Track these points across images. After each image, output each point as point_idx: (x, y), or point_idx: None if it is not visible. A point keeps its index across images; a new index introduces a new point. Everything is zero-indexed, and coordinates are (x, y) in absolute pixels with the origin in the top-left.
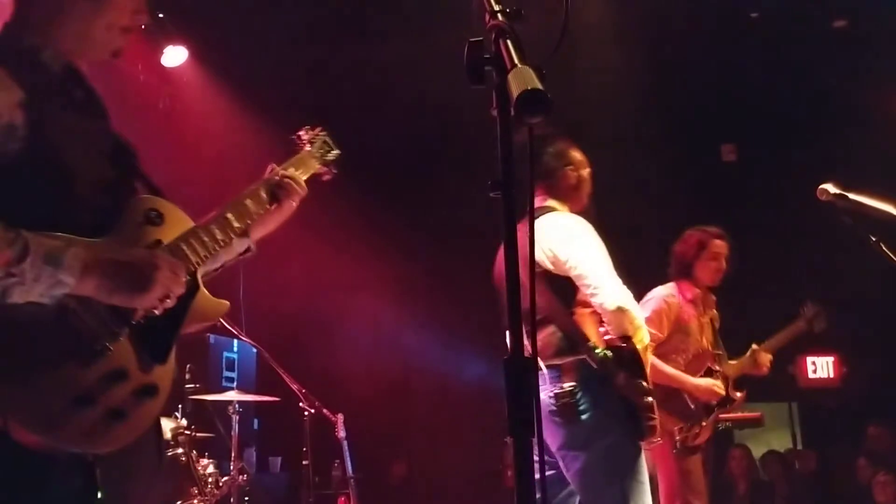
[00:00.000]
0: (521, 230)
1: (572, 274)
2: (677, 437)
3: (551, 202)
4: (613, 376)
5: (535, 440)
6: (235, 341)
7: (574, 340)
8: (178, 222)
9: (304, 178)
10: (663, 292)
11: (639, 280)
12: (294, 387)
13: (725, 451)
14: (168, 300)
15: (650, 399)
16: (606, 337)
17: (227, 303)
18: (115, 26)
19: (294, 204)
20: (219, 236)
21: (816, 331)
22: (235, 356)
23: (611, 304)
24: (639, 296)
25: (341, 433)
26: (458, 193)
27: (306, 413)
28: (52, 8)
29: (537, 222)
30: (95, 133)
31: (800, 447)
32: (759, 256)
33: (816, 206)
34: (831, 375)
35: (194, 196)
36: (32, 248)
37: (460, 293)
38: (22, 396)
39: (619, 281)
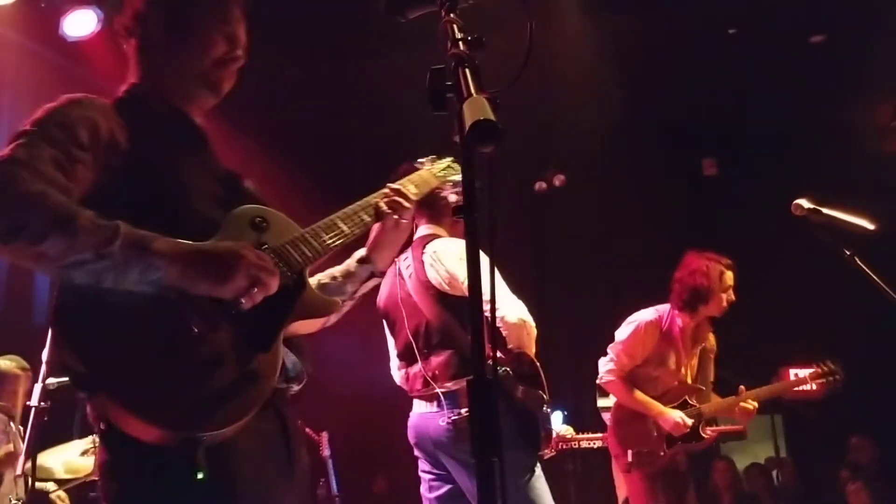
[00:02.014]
0: (405, 261)
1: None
2: (629, 460)
3: (435, 229)
4: (513, 391)
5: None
6: None
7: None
8: (285, 229)
9: (421, 193)
10: (646, 317)
11: (622, 294)
12: None
13: (710, 463)
14: (257, 291)
15: (547, 409)
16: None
17: (339, 300)
18: (205, 59)
19: (402, 220)
20: (327, 240)
21: (832, 390)
22: None
23: (512, 317)
24: (623, 312)
25: (326, 451)
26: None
27: None
28: (149, 50)
29: (427, 247)
30: (202, 159)
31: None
32: (739, 269)
33: (796, 219)
34: (814, 387)
35: None
36: (122, 232)
37: None
38: (129, 381)
39: (514, 295)
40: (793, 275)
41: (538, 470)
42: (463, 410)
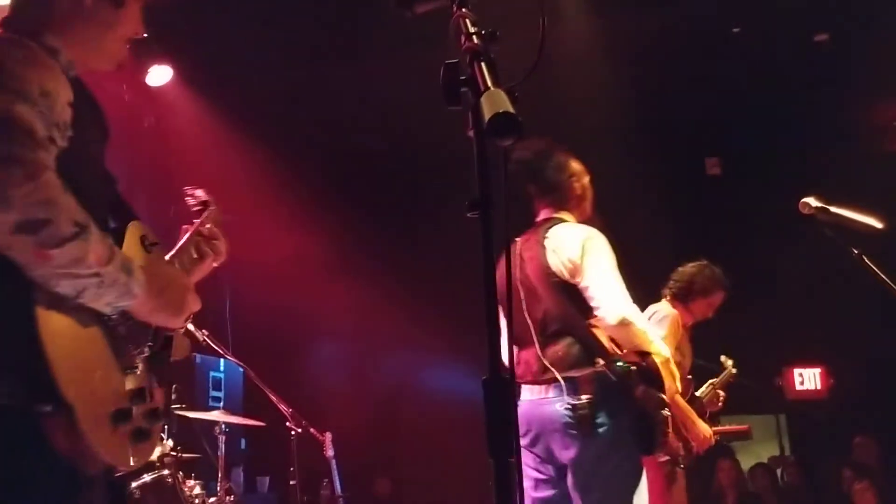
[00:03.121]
0: (526, 243)
1: (581, 285)
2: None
3: (560, 213)
4: (632, 388)
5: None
6: (222, 360)
7: (592, 352)
8: (160, 252)
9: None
10: (671, 310)
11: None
12: (281, 407)
13: (714, 462)
14: (187, 323)
15: (667, 412)
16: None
17: (189, 341)
18: (125, 37)
19: (215, 264)
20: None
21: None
22: (222, 376)
23: (612, 318)
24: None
25: (329, 452)
26: (445, 211)
27: (293, 433)
28: (72, 11)
29: (550, 232)
30: (99, 150)
31: None
32: (743, 269)
33: (801, 218)
34: (818, 387)
35: (179, 214)
36: (116, 251)
37: (447, 311)
38: (82, 401)
39: (627, 295)
40: (797, 274)
41: (644, 478)
42: (584, 397)
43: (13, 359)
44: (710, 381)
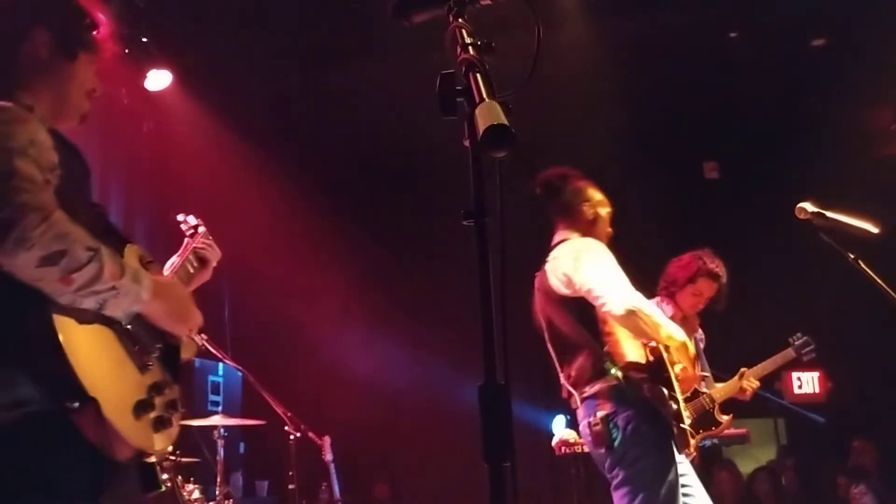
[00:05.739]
0: (540, 271)
1: (582, 291)
2: None
3: (567, 234)
4: (640, 390)
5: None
6: (221, 365)
7: (604, 364)
8: (157, 268)
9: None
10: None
11: None
12: (280, 410)
13: (713, 467)
14: (192, 332)
15: (674, 406)
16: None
17: (196, 343)
18: (83, 89)
19: (213, 265)
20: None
21: (805, 360)
22: (221, 380)
23: (619, 309)
24: None
25: (328, 456)
26: (447, 216)
27: (292, 436)
28: (32, 67)
29: (551, 254)
30: (86, 186)
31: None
32: (742, 273)
33: (798, 223)
34: (817, 391)
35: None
36: (125, 265)
37: (448, 316)
38: (105, 396)
39: (629, 286)
40: (795, 278)
41: (678, 478)
42: (599, 414)
43: (42, 367)
44: (743, 368)
